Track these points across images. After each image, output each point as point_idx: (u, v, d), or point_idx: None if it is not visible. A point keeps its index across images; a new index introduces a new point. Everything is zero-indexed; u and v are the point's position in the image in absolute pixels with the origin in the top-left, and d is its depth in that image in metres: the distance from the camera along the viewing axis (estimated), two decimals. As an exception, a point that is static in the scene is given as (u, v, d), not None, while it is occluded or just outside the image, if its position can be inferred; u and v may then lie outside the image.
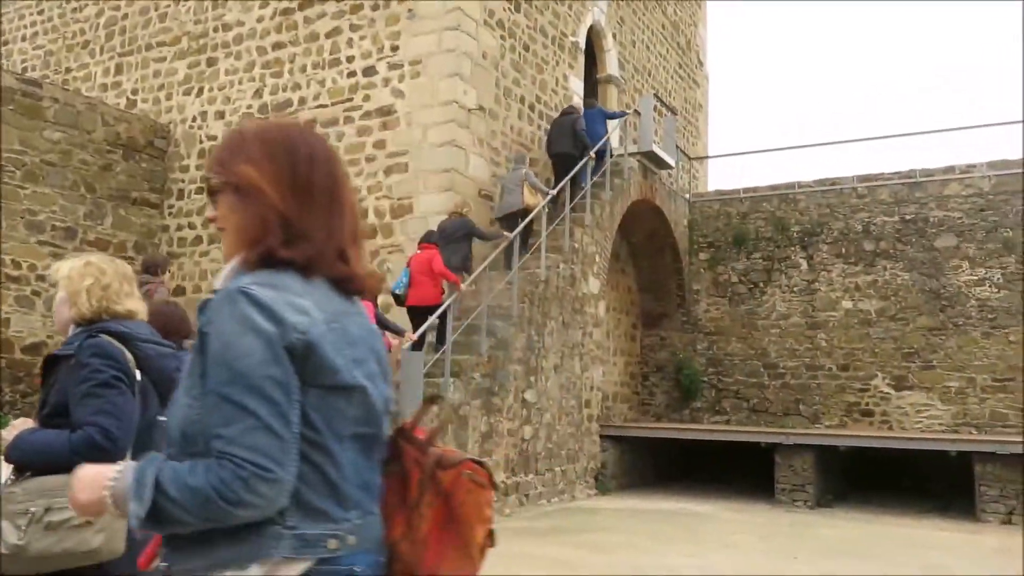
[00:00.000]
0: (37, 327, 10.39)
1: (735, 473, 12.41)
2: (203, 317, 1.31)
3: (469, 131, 10.44)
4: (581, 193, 10.60)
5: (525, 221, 9.41)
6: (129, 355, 2.34)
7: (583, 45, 13.16)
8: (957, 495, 10.14)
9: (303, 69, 11.30)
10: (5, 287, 10.13)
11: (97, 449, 2.16)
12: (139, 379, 2.36)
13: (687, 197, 14.33)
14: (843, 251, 12.98)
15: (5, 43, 14.57)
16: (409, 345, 7.71)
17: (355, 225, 1.46)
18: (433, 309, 8.01)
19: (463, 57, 10.33)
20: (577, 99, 12.58)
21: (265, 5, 11.74)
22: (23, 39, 14.45)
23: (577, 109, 11.28)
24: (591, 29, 13.44)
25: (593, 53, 13.79)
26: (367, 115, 10.73)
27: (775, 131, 45.30)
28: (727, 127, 42.91)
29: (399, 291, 8.34)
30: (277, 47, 11.57)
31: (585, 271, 10.73)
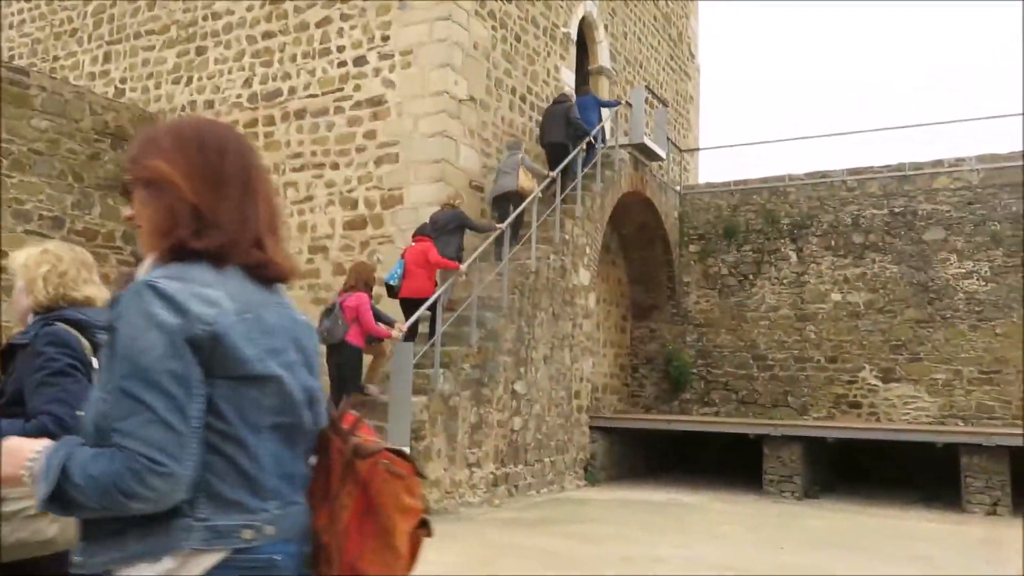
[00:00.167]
0: (24, 317, 10.32)
1: (724, 464, 12.48)
2: (114, 311, 1.31)
3: (460, 122, 10.42)
4: (572, 184, 10.61)
5: (518, 211, 9.41)
6: (85, 342, 2.32)
7: (575, 36, 13.14)
8: (943, 486, 10.22)
9: (293, 59, 11.23)
10: (-8, 277, 10.06)
11: (51, 437, 2.14)
12: (95, 366, 2.33)
13: (678, 189, 14.36)
14: (832, 244, 13.04)
15: (-9, 30, 14.44)
16: (402, 336, 7.74)
17: (271, 214, 1.46)
18: (426, 301, 8.07)
19: (454, 47, 10.29)
20: (568, 89, 12.55)
21: (255, -6, 11.65)
22: (10, 27, 14.32)
23: (570, 97, 11.25)
24: (583, 20, 13.42)
25: (585, 44, 13.77)
26: (357, 105, 10.68)
27: (767, 125, 45.42)
28: (718, 119, 42.96)
29: (393, 282, 8.43)
30: (267, 36, 11.49)
31: (575, 263, 10.74)
